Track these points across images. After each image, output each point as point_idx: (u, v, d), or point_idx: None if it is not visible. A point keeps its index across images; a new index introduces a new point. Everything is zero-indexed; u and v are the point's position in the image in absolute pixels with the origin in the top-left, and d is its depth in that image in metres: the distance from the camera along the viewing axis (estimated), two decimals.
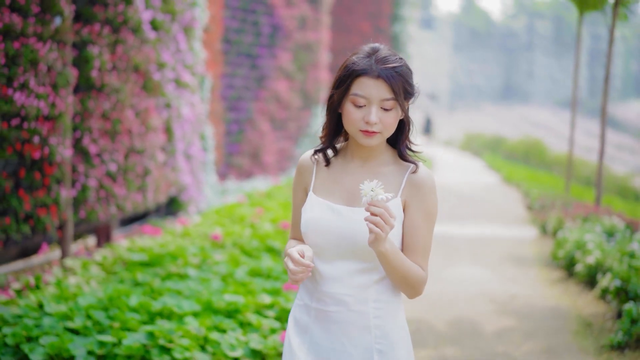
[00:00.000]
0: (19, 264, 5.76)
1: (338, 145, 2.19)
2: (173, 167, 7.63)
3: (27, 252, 6.01)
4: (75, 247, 6.33)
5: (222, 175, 11.90)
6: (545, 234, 9.48)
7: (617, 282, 5.26)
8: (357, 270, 2.08)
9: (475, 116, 51.82)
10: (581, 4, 9.96)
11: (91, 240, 6.93)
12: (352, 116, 2.04)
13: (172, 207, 8.26)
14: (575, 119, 11.15)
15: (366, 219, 1.90)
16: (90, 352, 3.35)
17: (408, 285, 2.07)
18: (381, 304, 2.10)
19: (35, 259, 5.93)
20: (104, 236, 6.69)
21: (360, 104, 2.03)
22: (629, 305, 4.79)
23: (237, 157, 12.40)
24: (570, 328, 5.26)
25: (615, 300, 5.31)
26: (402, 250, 2.11)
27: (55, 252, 6.18)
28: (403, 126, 2.12)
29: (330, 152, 2.18)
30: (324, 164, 2.17)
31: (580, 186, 16.08)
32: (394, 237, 2.06)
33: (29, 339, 3.43)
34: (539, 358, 4.62)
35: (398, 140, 2.14)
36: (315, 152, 2.18)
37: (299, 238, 2.24)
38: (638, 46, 64.89)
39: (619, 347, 4.66)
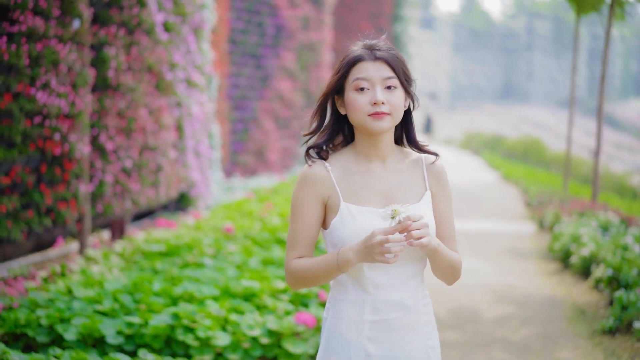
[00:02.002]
0: (36, 257, 6.03)
1: (330, 151, 2.18)
2: (183, 163, 7.90)
3: (42, 245, 6.28)
4: (91, 240, 6.60)
5: (228, 173, 12.16)
6: (542, 228, 9.74)
7: (610, 272, 5.52)
8: (409, 272, 2.09)
9: (475, 116, 52.02)
10: (579, 5, 10.16)
11: (106, 234, 7.20)
12: (357, 102, 2.05)
13: (181, 202, 8.52)
14: (575, 119, 11.38)
15: (407, 237, 1.92)
16: (119, 332, 3.62)
17: (454, 273, 2.13)
18: (426, 300, 2.15)
19: (52, 252, 6.20)
20: (118, 230, 6.95)
21: (363, 86, 2.04)
22: (620, 293, 5.06)
23: (242, 155, 12.66)
24: (565, 315, 5.53)
25: (607, 289, 5.57)
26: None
27: (71, 246, 6.45)
28: (408, 118, 2.16)
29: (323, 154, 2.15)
30: (328, 166, 2.12)
31: (579, 184, 16.29)
32: (432, 228, 2.08)
33: (62, 320, 3.69)
34: (535, 342, 4.89)
35: (408, 132, 2.18)
36: (309, 149, 2.16)
37: (308, 256, 2.12)
38: (637, 46, 65.13)
39: (611, 331, 4.93)
